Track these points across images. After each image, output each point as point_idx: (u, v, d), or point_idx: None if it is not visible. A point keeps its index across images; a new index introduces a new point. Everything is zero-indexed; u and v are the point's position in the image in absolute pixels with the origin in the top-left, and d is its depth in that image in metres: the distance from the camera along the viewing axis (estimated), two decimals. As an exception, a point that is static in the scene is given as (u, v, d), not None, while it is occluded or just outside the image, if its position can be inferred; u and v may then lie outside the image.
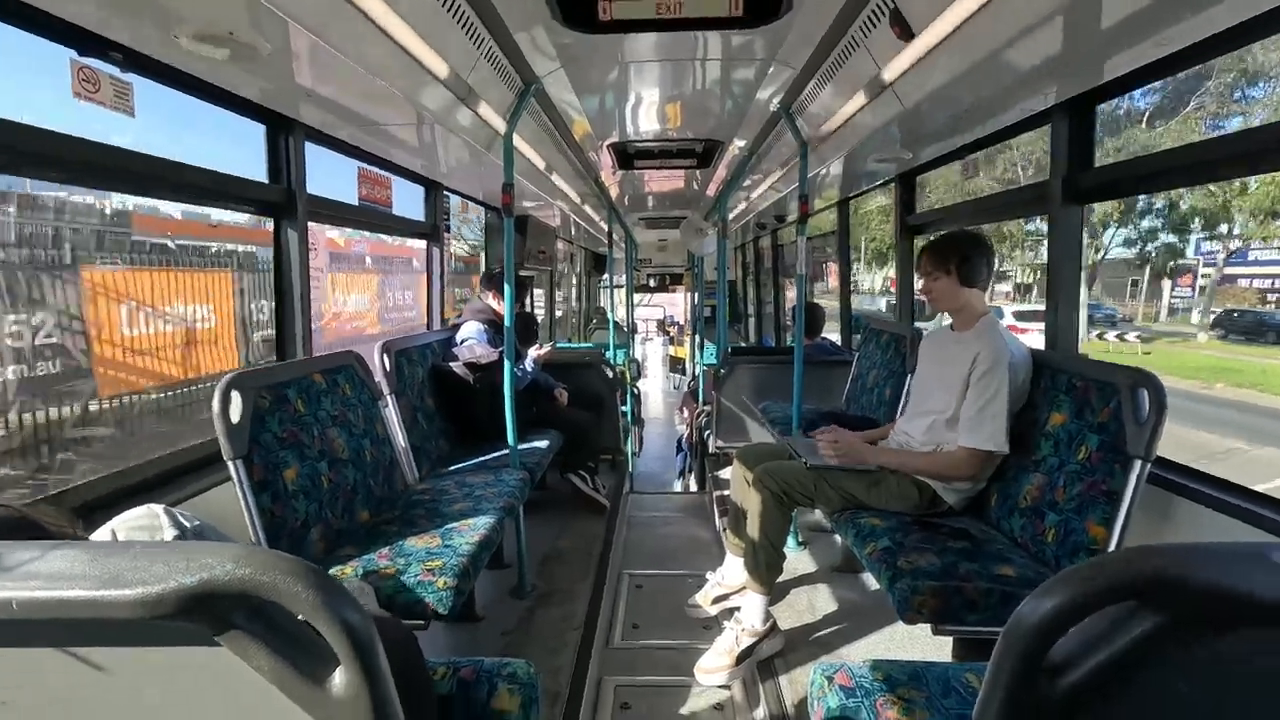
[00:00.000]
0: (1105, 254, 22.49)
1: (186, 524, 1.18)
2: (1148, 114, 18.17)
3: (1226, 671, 0.57)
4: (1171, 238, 21.58)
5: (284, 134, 2.15)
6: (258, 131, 2.13)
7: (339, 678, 0.57)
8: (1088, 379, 1.70)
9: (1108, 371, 1.66)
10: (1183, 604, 0.53)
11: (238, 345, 8.26)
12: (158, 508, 1.18)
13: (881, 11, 1.67)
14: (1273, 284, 23.59)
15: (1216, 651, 0.56)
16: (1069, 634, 0.57)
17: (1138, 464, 1.47)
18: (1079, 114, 2.00)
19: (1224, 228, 19.85)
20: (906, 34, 1.66)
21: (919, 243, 3.25)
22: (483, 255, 4.72)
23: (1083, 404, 1.69)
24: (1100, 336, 19.39)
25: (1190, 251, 23.71)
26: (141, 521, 1.15)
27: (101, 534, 1.11)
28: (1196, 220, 19.37)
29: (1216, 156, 1.66)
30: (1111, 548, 1.49)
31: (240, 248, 9.44)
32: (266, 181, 2.15)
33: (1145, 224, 21.20)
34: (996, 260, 2.01)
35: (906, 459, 2.02)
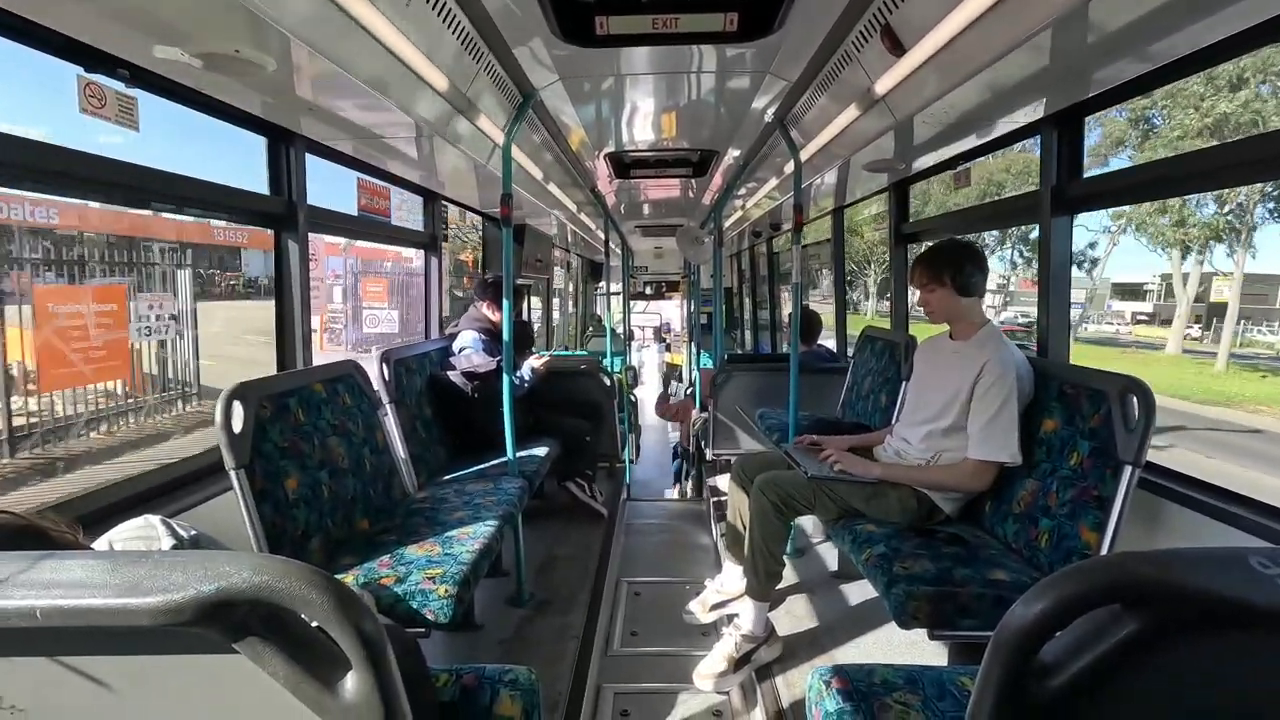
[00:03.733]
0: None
1: (184, 534, 1.19)
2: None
3: (1209, 673, 0.58)
4: None
5: (285, 146, 2.18)
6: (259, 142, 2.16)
7: (351, 682, 0.59)
8: (1078, 385, 1.73)
9: (1098, 378, 1.68)
10: (1165, 607, 0.55)
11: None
12: (154, 518, 1.19)
13: (874, 26, 1.71)
14: None
15: (1199, 653, 0.57)
16: (1057, 637, 0.58)
17: (1128, 470, 1.50)
18: (1068, 126, 2.04)
19: None
20: (898, 48, 1.70)
21: (913, 250, 3.28)
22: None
23: (1074, 410, 1.71)
24: None
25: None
26: (138, 532, 1.15)
27: (99, 546, 1.12)
28: None
29: (1210, 166, 1.68)
30: (1103, 552, 1.51)
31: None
32: (267, 193, 2.17)
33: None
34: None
35: (913, 474, 2.00)
